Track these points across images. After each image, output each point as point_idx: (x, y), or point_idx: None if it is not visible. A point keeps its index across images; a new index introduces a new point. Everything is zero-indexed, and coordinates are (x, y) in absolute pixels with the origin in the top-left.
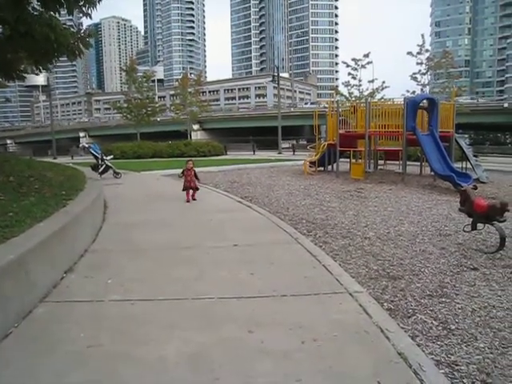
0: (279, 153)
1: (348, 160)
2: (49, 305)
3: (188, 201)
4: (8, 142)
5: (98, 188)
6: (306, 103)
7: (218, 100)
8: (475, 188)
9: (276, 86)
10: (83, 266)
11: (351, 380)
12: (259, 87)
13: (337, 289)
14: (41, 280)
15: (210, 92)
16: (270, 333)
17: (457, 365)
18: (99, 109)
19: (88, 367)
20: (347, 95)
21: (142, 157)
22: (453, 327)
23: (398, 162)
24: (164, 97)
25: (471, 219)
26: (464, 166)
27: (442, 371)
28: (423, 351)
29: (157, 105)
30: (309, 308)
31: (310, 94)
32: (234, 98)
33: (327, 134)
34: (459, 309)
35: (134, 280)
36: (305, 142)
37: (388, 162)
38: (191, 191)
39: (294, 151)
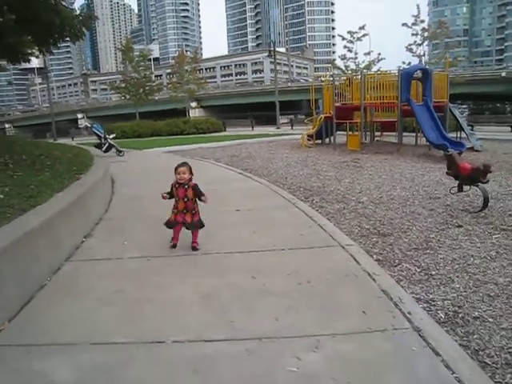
0: (277, 128)
1: (345, 133)
2: (74, 263)
3: (174, 246)
4: (6, 126)
5: (106, 164)
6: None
7: (214, 77)
8: (460, 153)
9: (273, 61)
10: (100, 232)
11: (340, 311)
12: (256, 63)
13: (330, 243)
14: (65, 242)
15: (206, 69)
16: (270, 278)
17: (433, 301)
18: (96, 89)
19: (116, 306)
20: (344, 69)
21: (142, 136)
22: (434, 273)
23: (394, 133)
24: (160, 75)
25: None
26: (459, 135)
27: (421, 305)
28: (406, 292)
29: (154, 83)
30: (304, 258)
31: (307, 68)
32: (230, 75)
33: (323, 106)
34: (441, 258)
35: (147, 242)
36: (303, 117)
37: (384, 133)
38: (183, 228)
39: (292, 126)
